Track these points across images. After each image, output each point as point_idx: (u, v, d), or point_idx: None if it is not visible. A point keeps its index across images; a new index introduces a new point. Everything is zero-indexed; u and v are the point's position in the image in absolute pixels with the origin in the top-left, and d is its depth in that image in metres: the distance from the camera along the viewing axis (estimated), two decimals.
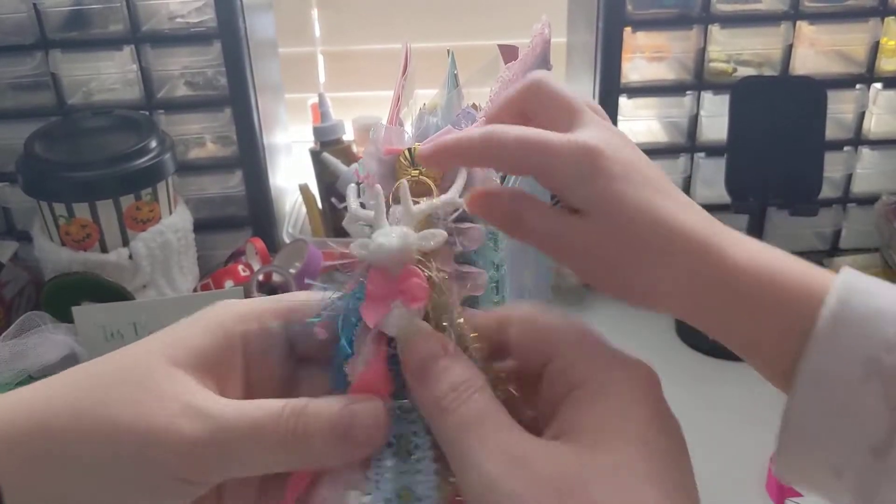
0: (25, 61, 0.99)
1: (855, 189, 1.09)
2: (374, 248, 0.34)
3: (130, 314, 0.82)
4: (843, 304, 0.35)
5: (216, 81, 1.03)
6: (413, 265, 0.35)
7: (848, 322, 0.35)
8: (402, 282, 0.34)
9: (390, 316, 0.34)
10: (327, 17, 1.33)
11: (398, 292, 0.34)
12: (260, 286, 0.94)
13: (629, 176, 0.36)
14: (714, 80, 1.03)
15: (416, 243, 0.35)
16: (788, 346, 0.36)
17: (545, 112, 0.39)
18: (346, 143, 1.12)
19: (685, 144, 1.06)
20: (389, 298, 0.34)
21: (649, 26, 1.01)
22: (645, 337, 1.00)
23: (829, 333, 0.35)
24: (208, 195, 1.07)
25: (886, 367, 0.34)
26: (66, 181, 0.89)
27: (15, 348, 0.79)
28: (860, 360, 0.34)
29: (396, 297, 0.34)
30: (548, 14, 0.69)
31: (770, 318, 0.36)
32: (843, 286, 0.36)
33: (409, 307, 0.34)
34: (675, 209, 0.36)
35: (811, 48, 1.03)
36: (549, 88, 0.39)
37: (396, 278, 0.34)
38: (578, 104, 0.39)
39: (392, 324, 0.34)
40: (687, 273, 0.36)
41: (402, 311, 0.34)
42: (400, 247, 0.34)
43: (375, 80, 1.33)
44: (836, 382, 0.34)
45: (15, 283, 0.98)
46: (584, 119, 0.38)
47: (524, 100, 0.39)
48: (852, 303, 0.35)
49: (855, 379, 0.34)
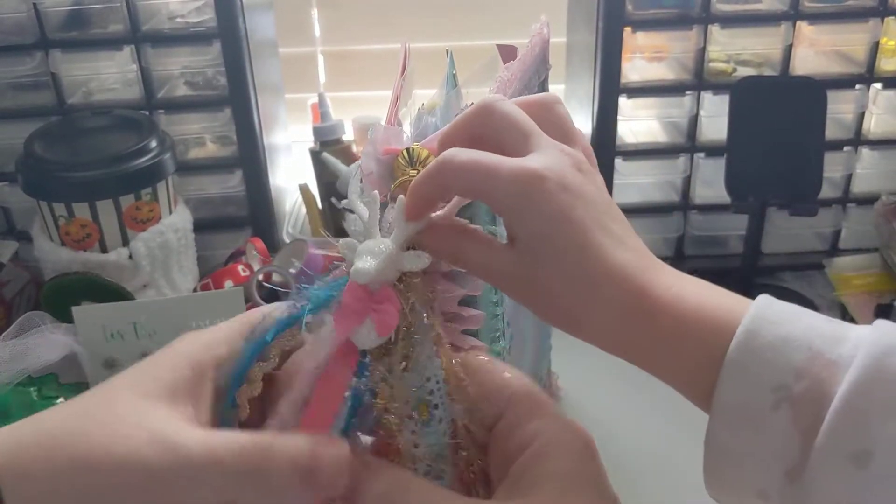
0: (25, 61, 0.99)
1: (855, 189, 1.09)
2: (352, 271, 0.34)
3: (130, 314, 0.82)
4: (751, 333, 0.36)
5: (216, 81, 1.03)
6: (391, 286, 0.35)
7: (756, 351, 0.36)
8: (377, 302, 0.34)
9: (360, 331, 0.34)
10: (327, 16, 1.33)
11: (371, 309, 0.34)
12: (260, 286, 0.94)
13: (571, 205, 0.36)
14: (714, 80, 1.03)
15: (398, 265, 0.35)
16: (706, 376, 0.37)
17: (497, 136, 0.38)
18: (345, 143, 1.12)
19: (685, 144, 1.06)
20: (363, 313, 0.34)
21: (649, 26, 1.01)
22: None
23: (738, 363, 0.36)
24: (208, 195, 1.07)
25: (795, 393, 0.35)
26: (65, 181, 0.89)
27: (15, 348, 0.79)
28: (770, 388, 0.35)
29: (370, 312, 0.34)
30: (548, 14, 0.69)
31: (689, 351, 0.37)
32: (753, 316, 0.36)
33: (377, 334, 0.34)
34: (608, 245, 0.37)
35: (811, 48, 1.03)
36: (500, 111, 0.38)
37: (374, 294, 0.34)
38: (530, 128, 0.38)
39: (360, 340, 0.34)
40: (612, 308, 0.37)
41: (371, 328, 0.34)
42: (378, 273, 0.34)
43: (375, 80, 1.33)
44: (747, 410, 0.36)
45: (15, 283, 0.98)
46: (537, 143, 0.38)
47: (476, 125, 0.39)
48: (761, 332, 0.36)
49: (766, 406, 0.35)
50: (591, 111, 1.04)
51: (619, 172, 1.06)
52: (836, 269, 1.07)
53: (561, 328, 0.39)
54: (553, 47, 0.72)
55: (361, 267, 0.34)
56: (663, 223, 1.10)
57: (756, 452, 0.36)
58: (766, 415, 0.35)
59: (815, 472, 0.34)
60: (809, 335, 0.36)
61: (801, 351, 0.35)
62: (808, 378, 0.35)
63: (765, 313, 0.37)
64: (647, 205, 1.09)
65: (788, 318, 0.37)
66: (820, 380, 0.35)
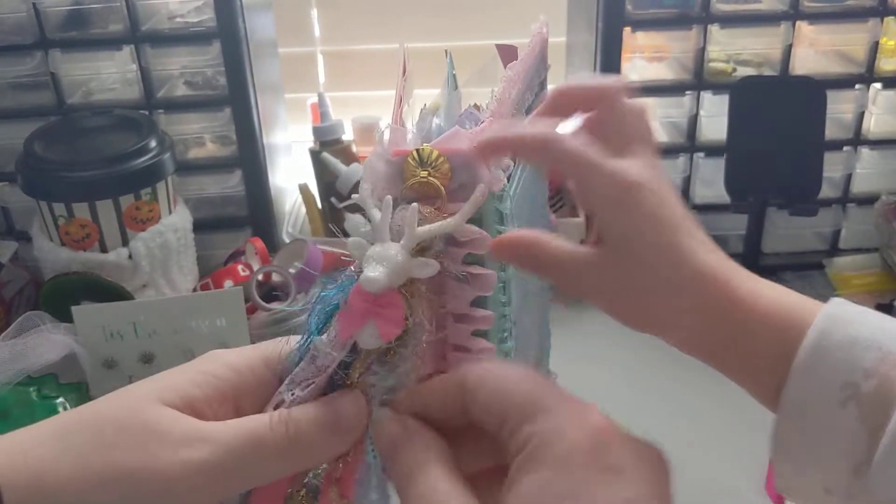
0: (25, 61, 0.99)
1: (854, 189, 1.09)
2: (362, 278, 0.34)
3: (130, 314, 0.82)
4: (823, 333, 0.37)
5: (216, 81, 1.03)
6: (398, 292, 0.35)
7: (826, 351, 0.37)
8: (381, 306, 0.35)
9: (363, 332, 0.34)
10: (327, 16, 1.33)
11: (375, 313, 0.34)
12: (259, 286, 0.94)
13: (660, 213, 0.39)
14: (713, 80, 1.03)
15: (407, 271, 0.35)
16: (777, 374, 0.38)
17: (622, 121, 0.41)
18: (345, 143, 1.12)
19: (685, 144, 1.06)
20: (368, 315, 0.34)
21: (649, 26, 1.01)
22: (646, 337, 1.00)
23: (808, 362, 0.37)
24: (208, 195, 1.07)
25: (863, 392, 0.36)
26: (65, 181, 0.89)
27: (15, 348, 0.79)
28: (838, 386, 0.36)
29: (374, 315, 0.34)
30: (548, 14, 0.69)
31: (762, 346, 0.39)
32: (825, 317, 0.38)
33: (380, 339, 0.34)
34: (695, 246, 0.39)
35: (811, 48, 1.03)
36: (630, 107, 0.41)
37: (377, 298, 0.35)
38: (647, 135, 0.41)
39: (366, 339, 0.35)
40: (696, 306, 0.39)
41: (374, 332, 0.34)
42: (388, 282, 0.34)
43: (375, 80, 1.33)
44: (815, 407, 0.37)
45: (15, 283, 0.98)
46: (637, 150, 0.40)
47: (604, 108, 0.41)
48: (831, 332, 0.37)
49: (833, 404, 0.36)
50: None
51: None
52: (836, 268, 1.07)
53: (642, 328, 0.40)
54: (553, 47, 0.72)
55: (372, 276, 0.34)
56: None
57: (823, 449, 0.37)
58: (834, 412, 0.36)
59: (882, 469, 0.35)
60: (879, 336, 0.37)
61: (870, 350, 0.36)
62: (876, 377, 0.36)
63: (836, 312, 0.38)
64: None
65: (859, 318, 0.38)
66: (889, 379, 0.35)
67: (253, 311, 0.91)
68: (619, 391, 0.91)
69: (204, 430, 0.33)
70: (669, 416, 0.87)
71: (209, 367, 0.36)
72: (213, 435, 0.32)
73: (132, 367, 0.83)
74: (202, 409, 0.34)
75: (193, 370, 0.35)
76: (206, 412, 0.34)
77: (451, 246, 0.38)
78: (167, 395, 0.34)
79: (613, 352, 0.98)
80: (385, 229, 0.36)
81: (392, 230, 0.36)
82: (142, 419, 0.33)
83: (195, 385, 0.35)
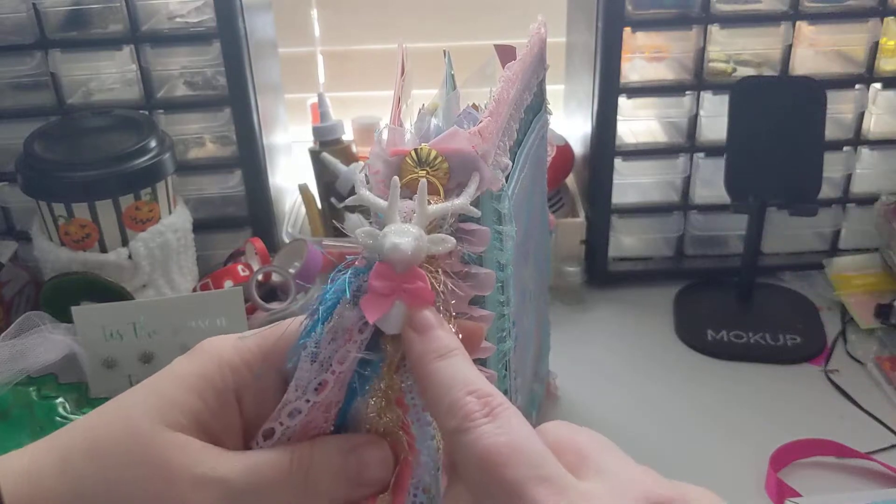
0: (25, 61, 0.99)
1: (854, 189, 1.09)
2: (389, 246, 0.33)
3: (130, 314, 0.82)
4: None
5: (216, 81, 1.03)
6: (420, 267, 0.35)
7: None
8: (409, 282, 0.34)
9: (391, 314, 0.34)
10: (327, 17, 1.34)
11: (401, 291, 0.34)
12: (259, 286, 0.94)
13: None
14: (713, 80, 1.03)
15: (427, 246, 0.35)
16: None
17: None
18: (345, 143, 1.12)
19: (684, 144, 1.06)
20: (393, 296, 0.34)
21: (649, 26, 1.01)
22: (645, 337, 1.00)
23: None
24: (208, 195, 1.07)
25: None
26: (65, 181, 0.89)
27: (14, 348, 0.79)
28: None
29: (399, 295, 0.34)
30: (547, 14, 0.69)
31: None
32: None
33: (416, 306, 0.34)
34: None
35: (811, 48, 1.03)
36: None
37: (401, 277, 0.34)
38: None
39: (392, 323, 0.34)
40: None
41: (403, 310, 0.34)
42: (415, 250, 0.34)
43: (375, 80, 1.33)
44: None
45: (14, 283, 0.98)
46: None
47: None
48: None
49: None
50: (590, 111, 1.04)
51: (618, 172, 1.06)
52: (836, 269, 1.07)
53: None
54: (553, 47, 0.72)
55: (398, 241, 0.33)
56: (663, 223, 1.10)
57: None
58: None
59: None
60: None
61: None
62: None
63: None
64: (646, 205, 1.09)
65: None
66: None
67: (253, 311, 0.91)
68: (618, 391, 0.92)
69: (217, 470, 0.31)
70: (669, 416, 0.87)
71: (208, 370, 0.34)
72: (226, 475, 0.31)
73: (132, 366, 0.83)
74: (208, 423, 0.33)
75: (193, 375, 0.34)
76: (213, 425, 0.33)
77: None
78: (171, 415, 0.32)
79: (613, 352, 0.99)
80: (395, 210, 0.35)
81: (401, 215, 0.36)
82: (148, 453, 0.31)
83: (197, 395, 0.33)
